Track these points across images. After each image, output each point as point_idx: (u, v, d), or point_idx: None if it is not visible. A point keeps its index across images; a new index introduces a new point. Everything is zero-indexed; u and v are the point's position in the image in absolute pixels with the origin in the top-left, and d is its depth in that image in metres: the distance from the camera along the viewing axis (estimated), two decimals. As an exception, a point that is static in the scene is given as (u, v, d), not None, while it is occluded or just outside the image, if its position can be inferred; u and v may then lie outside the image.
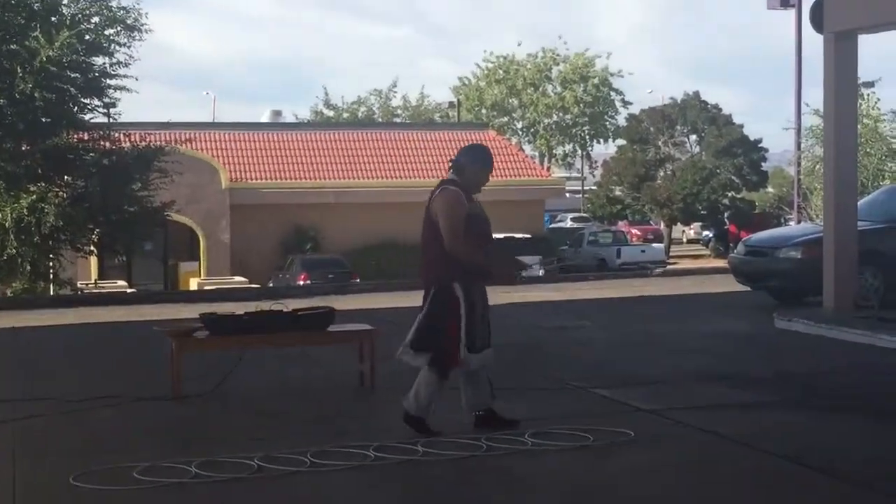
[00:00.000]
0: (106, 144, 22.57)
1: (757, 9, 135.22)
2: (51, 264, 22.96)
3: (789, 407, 8.28)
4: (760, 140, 46.98)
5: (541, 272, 26.96)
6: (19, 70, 20.64)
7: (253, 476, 6.38)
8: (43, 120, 21.74)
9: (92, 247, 23.59)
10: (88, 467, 6.51)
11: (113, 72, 22.18)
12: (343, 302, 16.20)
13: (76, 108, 22.43)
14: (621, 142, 52.26)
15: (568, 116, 64.47)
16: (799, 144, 33.94)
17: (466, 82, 65.39)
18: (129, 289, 29.24)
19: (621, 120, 59.56)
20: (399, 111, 63.21)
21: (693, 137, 48.75)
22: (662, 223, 51.21)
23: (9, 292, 23.35)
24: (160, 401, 8.73)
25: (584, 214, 58.73)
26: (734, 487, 6.20)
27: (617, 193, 50.29)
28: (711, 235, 51.12)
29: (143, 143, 22.83)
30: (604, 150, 67.08)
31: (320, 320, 9.23)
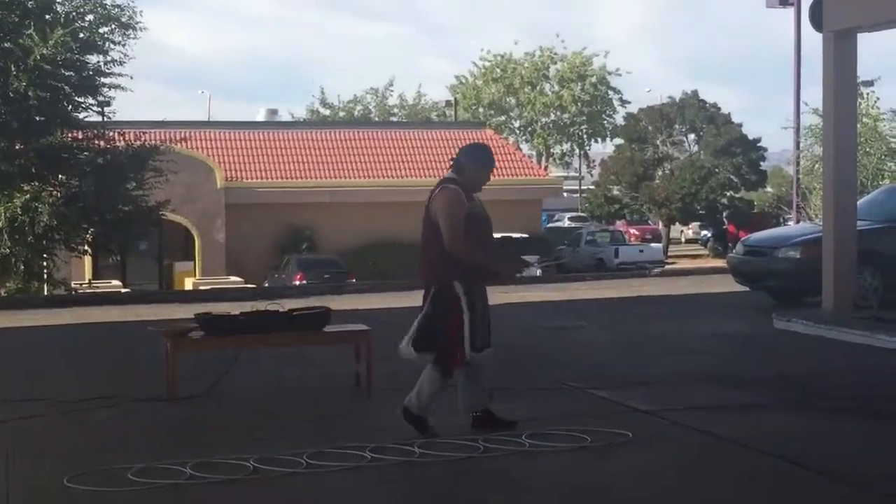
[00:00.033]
0: (100, 143, 22.58)
1: (756, 7, 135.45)
2: (45, 264, 22.97)
3: (788, 408, 8.29)
4: (759, 139, 47.06)
5: (538, 272, 27.01)
6: (13, 68, 20.65)
7: (249, 477, 6.38)
8: (37, 118, 21.75)
9: (86, 246, 23.63)
10: (83, 468, 6.51)
11: (107, 70, 22.21)
12: (339, 302, 16.19)
13: (70, 107, 22.44)
14: (619, 141, 52.27)
15: (566, 115, 64.47)
16: (798, 144, 33.99)
17: (463, 81, 65.40)
18: (124, 289, 29.19)
19: (619, 119, 59.55)
20: (395, 110, 63.18)
21: (691, 136, 48.79)
22: (661, 223, 51.23)
23: (2, 292, 23.35)
24: (155, 401, 8.72)
25: (582, 214, 58.70)
26: (732, 489, 6.21)
27: (615, 193, 50.30)
28: (710, 235, 51.14)
29: (138, 142, 22.84)
30: (602, 150, 67.19)
31: (316, 321, 9.23)
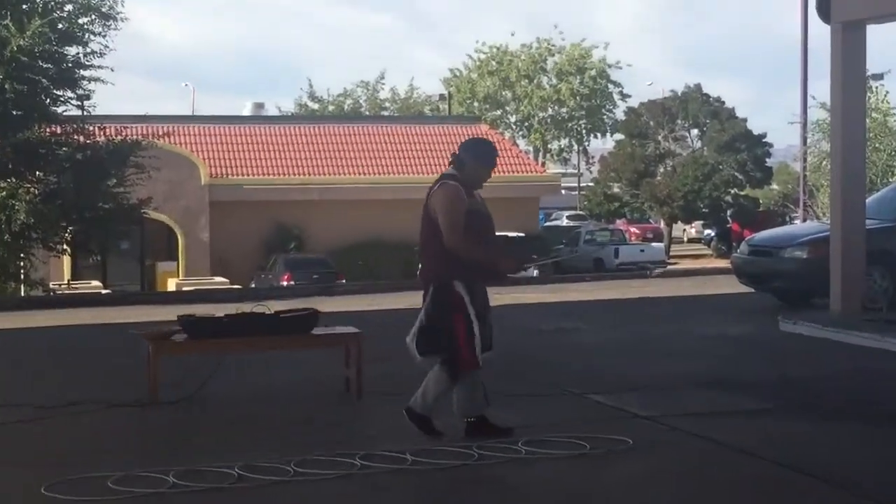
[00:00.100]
0: (80, 138, 22.54)
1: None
2: (21, 264, 22.93)
3: (793, 413, 8.31)
4: (765, 135, 47.13)
5: (535, 272, 27.04)
6: (-11, 60, 20.61)
7: (234, 486, 6.38)
8: (13, 112, 21.70)
9: (65, 245, 23.57)
10: (61, 477, 6.50)
11: (87, 62, 22.15)
12: (328, 304, 16.19)
13: (48, 101, 22.40)
14: (619, 136, 52.38)
15: (564, 110, 64.54)
16: (805, 139, 33.96)
17: (458, 74, 65.43)
18: (104, 290, 29.20)
19: (619, 113, 59.69)
20: (387, 104, 63.25)
21: (694, 132, 48.87)
22: (662, 221, 51.31)
23: (-23, 293, 23.31)
24: (136, 407, 8.71)
25: (581, 212, 58.77)
26: (733, 496, 6.23)
27: (615, 190, 50.37)
28: (713, 234, 51.22)
29: (119, 137, 22.79)
30: (601, 145, 67.26)
31: (304, 323, 9.23)
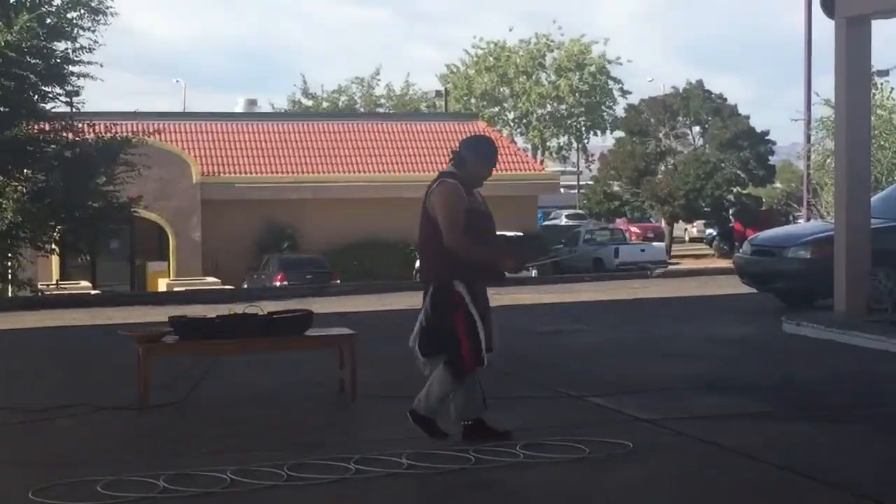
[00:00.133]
0: (68, 135, 22.50)
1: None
2: (9, 264, 22.89)
3: (796, 416, 8.31)
4: (768, 132, 47.13)
5: (534, 272, 27.06)
6: (-25, 56, 20.58)
7: (226, 490, 6.37)
8: (1, 109, 21.67)
9: (53, 245, 23.54)
10: (49, 481, 6.49)
11: (76, 58, 22.12)
12: (322, 304, 16.21)
13: (36, 97, 22.36)
14: (619, 134, 52.34)
15: (563, 106, 64.54)
16: (808, 137, 33.97)
17: (454, 70, 65.42)
18: (94, 290, 29.18)
19: (619, 110, 59.67)
20: (382, 100, 63.19)
21: (696, 129, 48.85)
22: (663, 221, 51.33)
23: (-36, 294, 23.30)
24: (126, 410, 8.71)
25: (580, 211, 58.80)
26: (734, 500, 6.24)
27: (615, 189, 50.37)
28: (715, 234, 51.23)
29: (109, 135, 22.77)
30: (601, 143, 67.22)
31: (297, 324, 9.23)
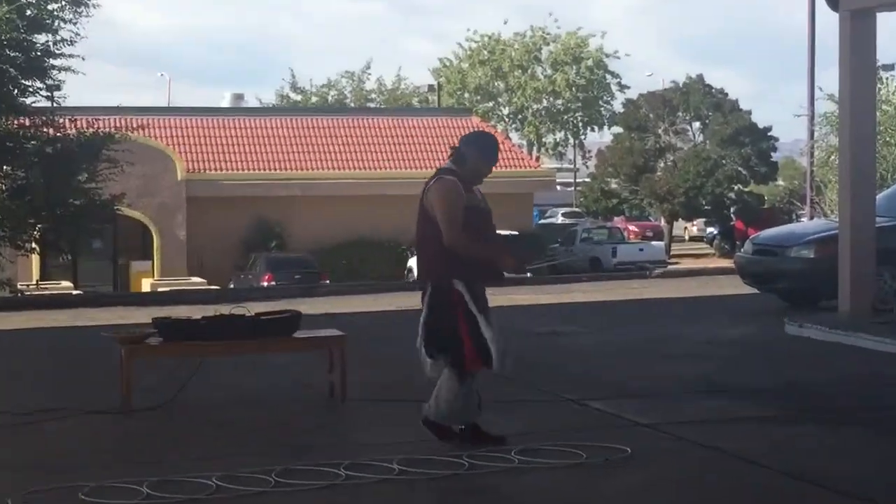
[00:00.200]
0: (49, 131, 22.47)
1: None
2: (-13, 263, 22.86)
3: (799, 420, 8.33)
4: (770, 128, 47.17)
5: (528, 273, 27.06)
6: (-48, 49, 20.55)
7: (212, 497, 6.37)
8: (-21, 104, 21.65)
9: (34, 244, 23.49)
10: (30, 487, 6.48)
11: (57, 51, 22.08)
12: (311, 305, 16.21)
13: (16, 91, 22.31)
14: (617, 129, 52.37)
15: (559, 101, 64.55)
16: (812, 133, 34.05)
17: (448, 64, 65.37)
18: (75, 290, 29.14)
19: (617, 105, 59.76)
20: (373, 95, 63.19)
21: (696, 125, 48.90)
22: (662, 219, 51.37)
23: (-59, 294, 23.25)
24: (110, 414, 8.70)
25: (577, 209, 58.84)
26: (738, 508, 6.26)
27: (613, 186, 50.40)
28: (716, 232, 51.29)
29: (91, 130, 22.74)
30: (598, 139, 67.33)
31: (285, 325, 9.23)
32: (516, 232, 8.60)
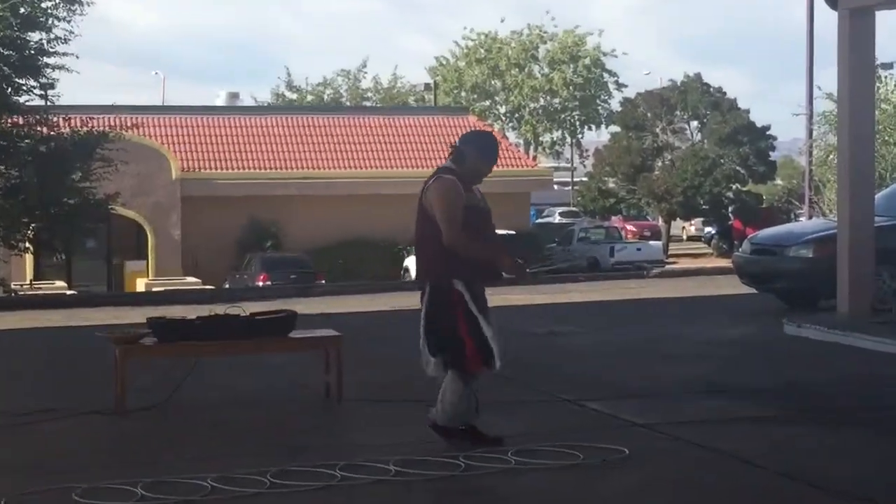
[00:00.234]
0: (43, 130, 22.48)
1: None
2: (-20, 263, 22.87)
3: (799, 420, 8.33)
4: (768, 127, 47.20)
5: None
6: (-54, 47, 20.54)
7: (206, 498, 6.36)
8: (-28, 102, 21.65)
9: (27, 243, 23.51)
10: (23, 489, 6.48)
11: (51, 49, 22.11)
12: (307, 305, 16.20)
13: (10, 90, 22.33)
14: (615, 128, 52.39)
15: (556, 100, 64.59)
16: (810, 132, 34.07)
17: (444, 62, 65.42)
18: (69, 290, 29.12)
19: (615, 104, 59.80)
20: (369, 94, 63.20)
21: (694, 124, 48.92)
22: (660, 218, 51.35)
23: (-66, 294, 23.24)
24: (104, 414, 8.69)
25: (574, 209, 58.85)
26: (736, 509, 6.25)
27: (610, 186, 50.39)
28: (714, 232, 51.29)
29: (85, 129, 22.75)
30: (596, 138, 67.31)
31: (281, 325, 9.22)
32: (513, 231, 8.60)
